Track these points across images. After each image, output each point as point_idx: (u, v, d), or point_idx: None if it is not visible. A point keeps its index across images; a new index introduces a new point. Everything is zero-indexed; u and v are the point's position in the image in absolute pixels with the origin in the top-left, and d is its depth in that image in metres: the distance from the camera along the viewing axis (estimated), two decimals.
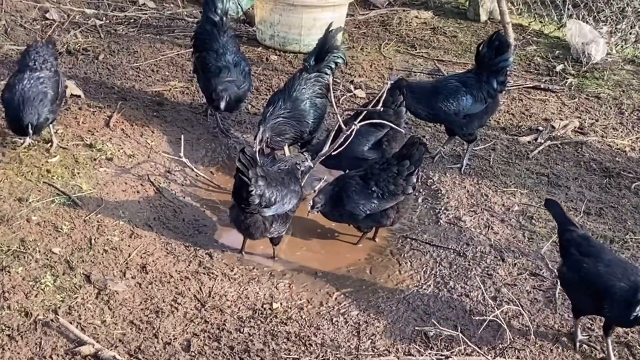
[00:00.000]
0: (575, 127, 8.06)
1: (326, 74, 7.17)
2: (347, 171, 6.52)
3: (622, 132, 8.08)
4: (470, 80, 7.05)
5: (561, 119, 8.19)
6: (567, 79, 9.05)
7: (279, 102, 6.82)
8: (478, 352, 5.07)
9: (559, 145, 7.73)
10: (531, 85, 8.89)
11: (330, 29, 7.22)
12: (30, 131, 6.44)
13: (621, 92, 8.89)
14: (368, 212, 6.07)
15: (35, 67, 6.67)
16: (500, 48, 6.90)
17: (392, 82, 6.97)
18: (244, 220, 5.81)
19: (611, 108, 8.55)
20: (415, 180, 6.07)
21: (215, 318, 5.33)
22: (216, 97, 7.09)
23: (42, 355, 4.85)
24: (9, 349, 4.87)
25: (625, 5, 10.23)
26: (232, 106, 7.28)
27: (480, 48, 7.01)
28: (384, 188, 6.02)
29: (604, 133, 8.02)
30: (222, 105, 7.08)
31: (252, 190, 5.60)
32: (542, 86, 8.88)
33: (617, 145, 7.81)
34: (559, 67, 9.32)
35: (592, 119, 8.28)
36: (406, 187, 6.02)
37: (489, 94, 7.00)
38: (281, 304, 5.52)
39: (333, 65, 7.27)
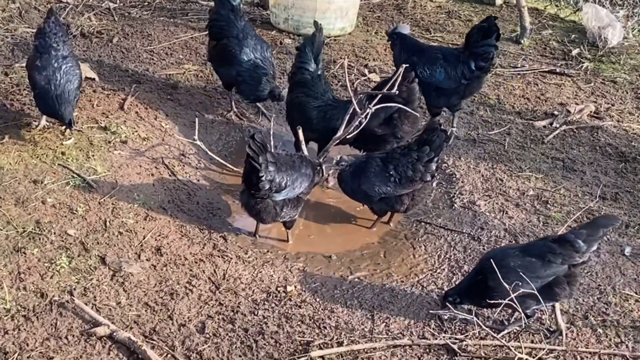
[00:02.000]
0: (591, 112, 8.00)
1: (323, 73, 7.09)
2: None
3: (638, 116, 8.02)
4: (451, 57, 7.05)
5: (577, 104, 8.14)
6: (583, 63, 8.98)
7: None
8: (492, 335, 5.06)
9: (575, 130, 7.68)
10: (547, 70, 8.84)
11: (319, 26, 7.07)
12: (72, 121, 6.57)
13: (637, 77, 8.82)
14: (382, 195, 6.06)
15: (58, 48, 6.67)
16: (488, 33, 6.87)
17: (395, 29, 7.16)
18: (254, 205, 5.82)
19: (627, 92, 8.48)
20: (434, 168, 6.03)
21: (230, 300, 5.34)
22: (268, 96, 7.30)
23: (57, 336, 4.88)
24: (24, 329, 4.89)
25: None
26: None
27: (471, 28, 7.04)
28: (401, 173, 5.99)
29: (620, 117, 7.97)
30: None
31: (263, 176, 5.59)
32: (557, 70, 8.82)
33: (633, 129, 7.75)
34: (574, 52, 9.25)
35: (608, 104, 8.22)
36: (424, 174, 5.98)
37: (463, 74, 6.97)
38: (295, 287, 5.52)
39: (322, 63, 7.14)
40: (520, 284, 4.89)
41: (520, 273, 4.93)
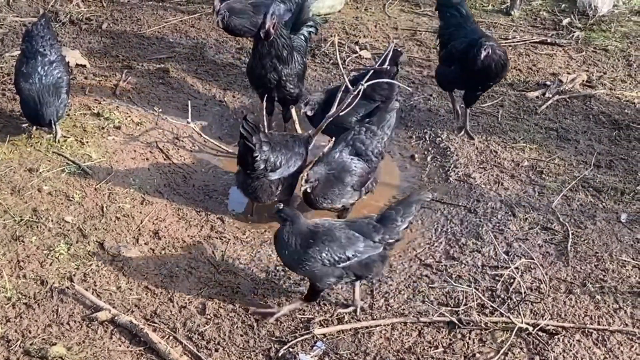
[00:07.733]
0: (583, 81, 8.00)
1: (303, 34, 7.22)
2: None
3: (630, 84, 8.02)
4: None
5: (569, 73, 8.13)
6: (574, 32, 8.96)
7: None
8: (492, 306, 5.10)
9: (567, 100, 7.68)
10: (538, 40, 8.82)
11: None
12: (55, 127, 6.40)
13: (629, 44, 8.80)
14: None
15: (46, 53, 6.52)
16: None
17: None
18: (250, 184, 5.85)
19: (619, 60, 8.48)
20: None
21: (230, 281, 5.37)
22: None
23: (59, 322, 4.91)
24: (26, 316, 4.93)
25: None
26: None
27: None
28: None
29: (612, 85, 7.97)
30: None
31: (257, 156, 5.62)
32: (548, 40, 8.80)
33: (626, 97, 7.76)
34: (565, 21, 9.23)
35: (600, 72, 8.22)
36: None
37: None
38: None
39: (306, 34, 7.26)
40: None
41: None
